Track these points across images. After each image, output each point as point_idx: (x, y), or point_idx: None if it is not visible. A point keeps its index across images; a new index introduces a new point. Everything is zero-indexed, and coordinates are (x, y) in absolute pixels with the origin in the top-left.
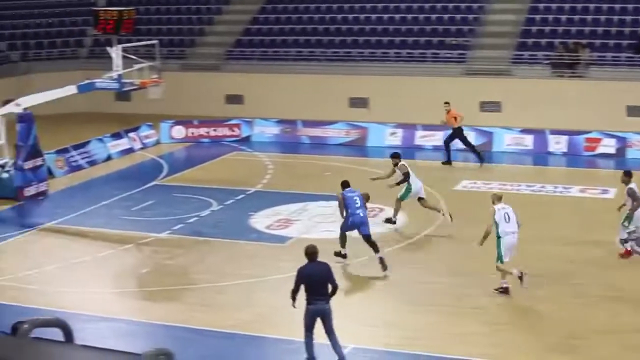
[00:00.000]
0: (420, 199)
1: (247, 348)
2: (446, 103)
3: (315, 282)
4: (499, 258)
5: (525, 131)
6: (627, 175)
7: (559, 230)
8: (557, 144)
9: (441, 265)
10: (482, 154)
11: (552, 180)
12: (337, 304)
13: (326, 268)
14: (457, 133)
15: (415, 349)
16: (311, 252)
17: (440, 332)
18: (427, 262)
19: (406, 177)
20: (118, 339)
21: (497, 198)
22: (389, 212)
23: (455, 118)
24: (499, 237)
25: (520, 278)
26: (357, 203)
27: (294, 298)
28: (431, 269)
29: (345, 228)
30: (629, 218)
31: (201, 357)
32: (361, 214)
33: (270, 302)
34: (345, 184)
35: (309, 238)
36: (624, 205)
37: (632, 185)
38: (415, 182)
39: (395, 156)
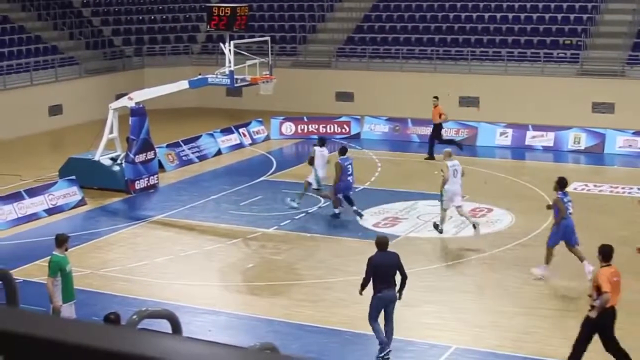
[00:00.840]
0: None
1: (352, 345)
2: (435, 98)
3: (384, 271)
4: (442, 205)
5: (638, 133)
6: None
7: None
8: None
9: (549, 267)
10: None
11: None
12: (443, 305)
13: (395, 257)
14: (437, 129)
15: (520, 352)
16: (380, 242)
17: (546, 336)
18: (534, 264)
19: (310, 162)
20: (222, 332)
21: (448, 155)
22: (497, 212)
23: (440, 115)
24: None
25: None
26: (349, 170)
27: (363, 287)
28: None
29: (338, 191)
30: None
31: (306, 353)
32: (351, 180)
33: None
34: (343, 151)
35: (416, 237)
36: None
37: None
38: (321, 170)
39: (319, 140)
